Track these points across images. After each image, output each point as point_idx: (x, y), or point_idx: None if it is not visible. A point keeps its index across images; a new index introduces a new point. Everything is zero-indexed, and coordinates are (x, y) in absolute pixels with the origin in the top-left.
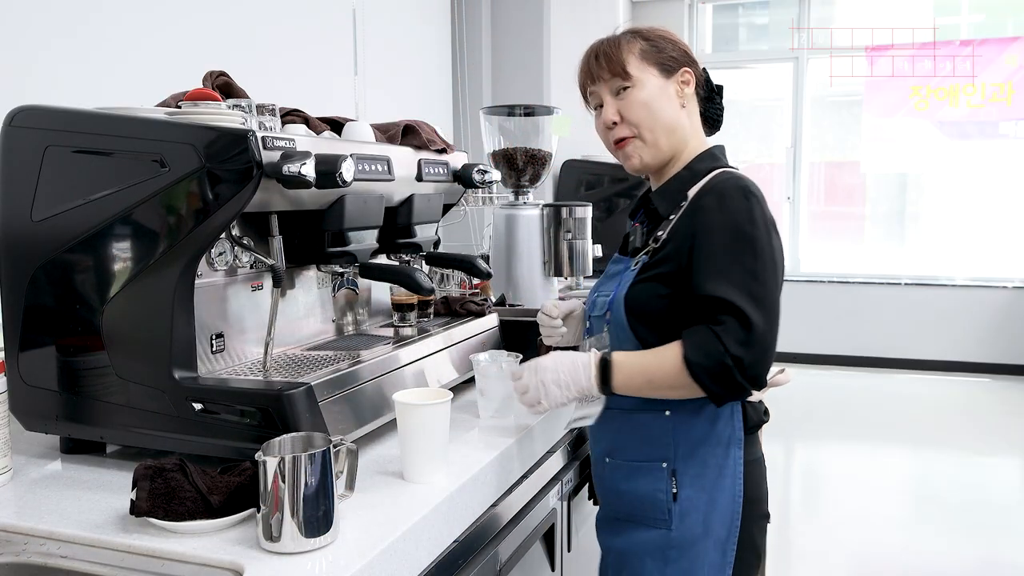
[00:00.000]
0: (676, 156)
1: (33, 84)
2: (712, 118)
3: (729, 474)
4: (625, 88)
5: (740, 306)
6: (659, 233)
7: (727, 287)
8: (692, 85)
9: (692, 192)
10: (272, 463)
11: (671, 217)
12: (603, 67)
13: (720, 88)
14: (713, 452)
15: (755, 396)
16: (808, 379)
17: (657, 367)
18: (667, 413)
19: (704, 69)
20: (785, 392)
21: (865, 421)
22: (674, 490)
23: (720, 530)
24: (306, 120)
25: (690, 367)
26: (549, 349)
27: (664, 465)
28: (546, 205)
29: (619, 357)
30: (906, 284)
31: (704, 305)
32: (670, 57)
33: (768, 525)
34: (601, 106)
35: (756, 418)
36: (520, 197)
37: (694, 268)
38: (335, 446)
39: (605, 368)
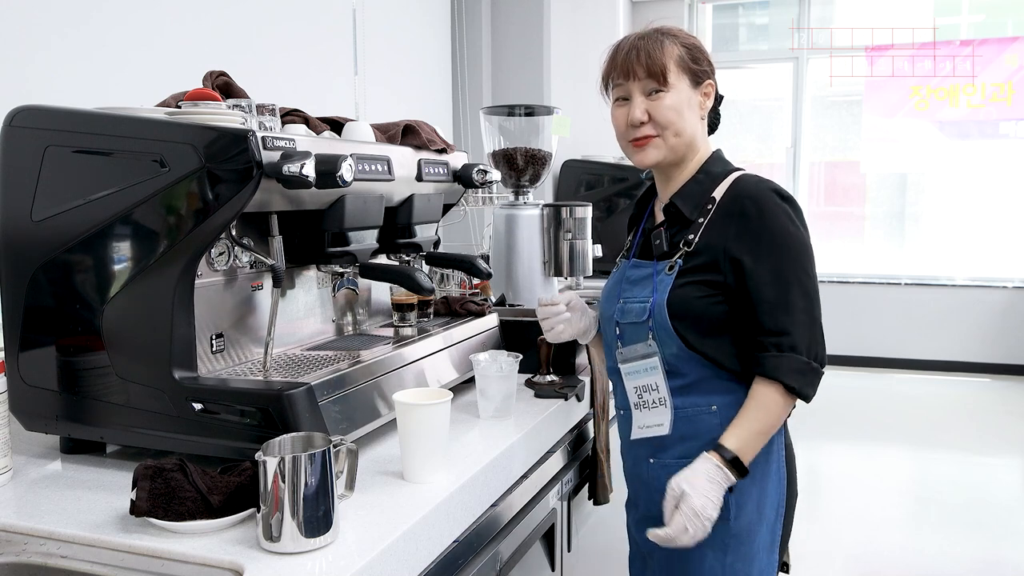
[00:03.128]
0: (687, 159)
1: (33, 84)
2: (710, 123)
3: (775, 460)
4: (659, 91)
5: (802, 314)
6: (690, 236)
7: (789, 308)
8: (712, 98)
9: (717, 194)
10: (272, 463)
11: (700, 220)
12: (642, 66)
13: (721, 97)
14: None
15: None
16: None
17: (766, 418)
18: (713, 408)
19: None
20: None
21: (865, 421)
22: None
23: (770, 513)
24: (306, 120)
25: (796, 391)
26: (550, 348)
27: None
28: (546, 205)
29: (736, 442)
30: (906, 284)
31: (770, 321)
32: (702, 69)
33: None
34: (624, 99)
35: None
36: (520, 197)
37: (754, 288)
38: (335, 446)
39: (736, 463)
